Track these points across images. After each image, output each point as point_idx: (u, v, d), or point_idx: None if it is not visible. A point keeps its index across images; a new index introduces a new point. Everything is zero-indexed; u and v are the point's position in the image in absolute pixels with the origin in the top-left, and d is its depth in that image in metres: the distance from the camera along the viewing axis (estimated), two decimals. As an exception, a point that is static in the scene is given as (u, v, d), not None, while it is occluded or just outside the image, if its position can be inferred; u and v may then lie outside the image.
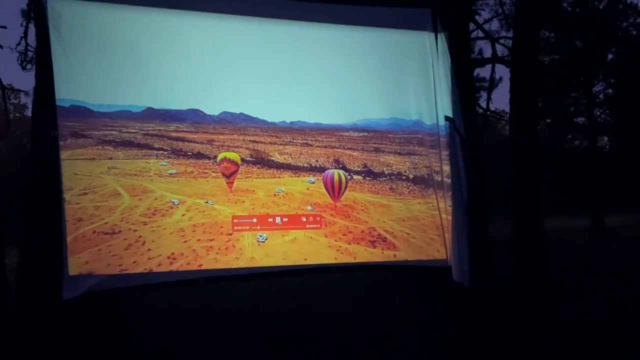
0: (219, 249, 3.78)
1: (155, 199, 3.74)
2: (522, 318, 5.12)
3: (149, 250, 3.62)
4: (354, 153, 4.21)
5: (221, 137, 3.91)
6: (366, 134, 4.21)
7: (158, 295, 4.94)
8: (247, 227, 3.84)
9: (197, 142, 3.88)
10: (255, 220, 3.87)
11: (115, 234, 3.57)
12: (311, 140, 4.10)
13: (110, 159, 3.69)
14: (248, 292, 5.78)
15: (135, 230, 3.63)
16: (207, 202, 3.84)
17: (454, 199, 4.01)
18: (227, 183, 3.92)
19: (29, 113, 22.07)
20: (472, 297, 4.27)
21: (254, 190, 3.98)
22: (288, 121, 4.01)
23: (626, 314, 5.40)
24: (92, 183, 3.60)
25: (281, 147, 4.04)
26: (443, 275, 4.13)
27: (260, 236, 3.89)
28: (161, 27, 3.69)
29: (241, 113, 3.91)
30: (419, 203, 4.32)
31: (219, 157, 3.93)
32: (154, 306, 5.19)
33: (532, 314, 5.09)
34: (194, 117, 3.83)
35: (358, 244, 4.09)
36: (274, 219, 3.92)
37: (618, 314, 5.40)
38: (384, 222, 4.22)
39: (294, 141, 4.06)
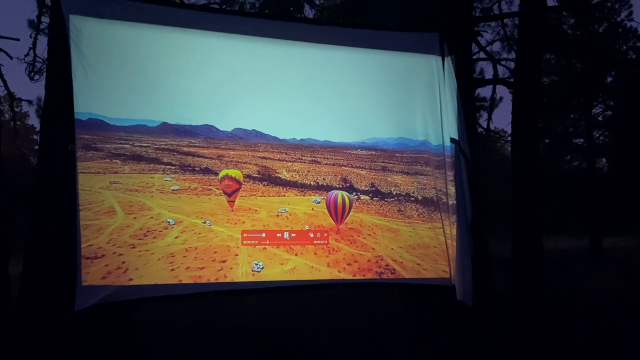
0: (208, 279, 3.60)
1: (151, 217, 3.58)
2: (519, 337, 5.18)
3: (130, 280, 3.44)
4: (362, 172, 4.15)
5: (231, 152, 3.85)
6: (374, 152, 4.17)
7: (156, 306, 4.93)
8: (256, 242, 3.77)
9: (207, 158, 3.80)
10: (264, 235, 3.80)
11: (96, 259, 3.39)
12: (320, 157, 4.06)
13: (115, 172, 3.56)
14: (252, 305, 5.81)
15: (120, 255, 3.44)
16: (204, 223, 3.69)
17: (458, 219, 4.03)
18: (228, 202, 3.80)
19: (29, 121, 22.27)
20: (472, 315, 4.30)
21: (256, 210, 3.85)
22: (298, 138, 3.98)
23: (621, 335, 5.45)
24: (89, 198, 3.46)
25: (289, 164, 3.98)
26: (446, 293, 4.13)
27: (256, 265, 3.73)
28: (179, 45, 3.72)
29: (253, 130, 3.88)
30: (429, 228, 4.21)
31: (221, 174, 3.81)
32: (152, 317, 5.22)
33: (529, 333, 5.15)
34: (208, 133, 3.78)
35: (364, 276, 3.95)
36: (282, 234, 3.85)
37: (612, 335, 5.45)
38: (392, 249, 4.09)
39: (303, 158, 4.01)
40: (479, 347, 4.71)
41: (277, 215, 3.89)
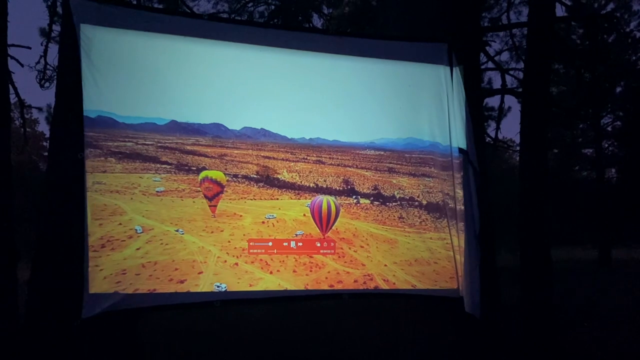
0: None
1: (120, 224, 3.32)
2: (527, 347, 5.14)
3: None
4: (367, 173, 4.01)
5: (235, 152, 3.71)
6: (382, 152, 4.05)
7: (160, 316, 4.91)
8: (263, 250, 3.64)
9: (208, 157, 3.65)
10: (270, 244, 3.65)
11: None
12: (325, 157, 3.93)
13: (104, 172, 3.38)
14: (258, 314, 5.80)
15: None
16: (177, 231, 3.43)
17: (466, 229, 3.95)
18: (209, 207, 3.53)
19: (39, 128, 22.52)
20: (480, 326, 4.26)
21: (241, 216, 3.59)
22: (307, 137, 3.87)
23: (628, 346, 5.40)
24: None
25: (292, 164, 3.84)
26: (454, 304, 4.04)
27: (218, 286, 3.46)
28: (188, 54, 3.69)
29: (262, 128, 3.78)
30: (430, 239, 4.02)
31: (200, 176, 3.57)
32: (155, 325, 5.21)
33: (536, 344, 5.11)
34: (216, 131, 3.68)
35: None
36: (289, 243, 3.71)
37: (620, 346, 5.40)
38: (385, 266, 3.84)
39: (307, 158, 3.88)
40: (487, 358, 4.67)
41: (263, 222, 3.68)
